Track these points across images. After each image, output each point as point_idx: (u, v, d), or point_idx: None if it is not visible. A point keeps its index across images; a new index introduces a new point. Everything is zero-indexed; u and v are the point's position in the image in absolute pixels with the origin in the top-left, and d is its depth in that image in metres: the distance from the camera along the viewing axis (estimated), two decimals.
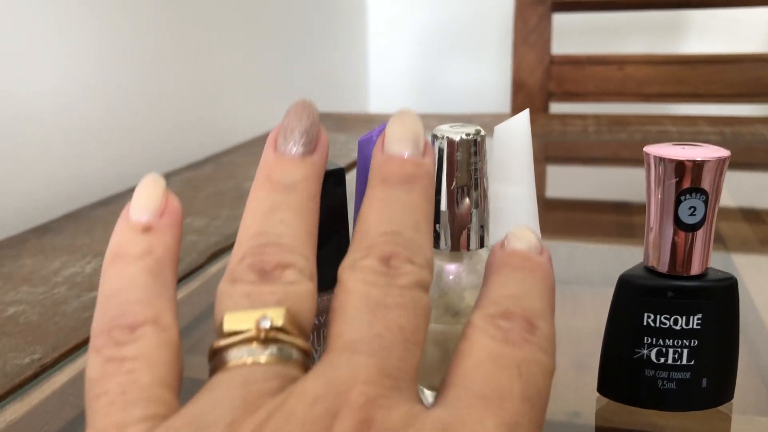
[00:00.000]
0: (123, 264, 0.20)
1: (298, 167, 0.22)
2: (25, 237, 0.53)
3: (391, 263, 0.20)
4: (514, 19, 1.05)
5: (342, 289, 0.20)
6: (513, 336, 0.19)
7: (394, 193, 0.21)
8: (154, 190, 0.22)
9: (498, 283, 0.21)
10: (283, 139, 0.22)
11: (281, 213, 0.21)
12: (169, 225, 0.21)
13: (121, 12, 0.70)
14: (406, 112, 0.24)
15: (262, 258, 0.20)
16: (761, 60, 0.99)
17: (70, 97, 0.64)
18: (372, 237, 0.20)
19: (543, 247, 0.23)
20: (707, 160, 0.25)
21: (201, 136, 0.84)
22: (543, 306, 0.20)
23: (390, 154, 0.23)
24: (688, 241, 0.26)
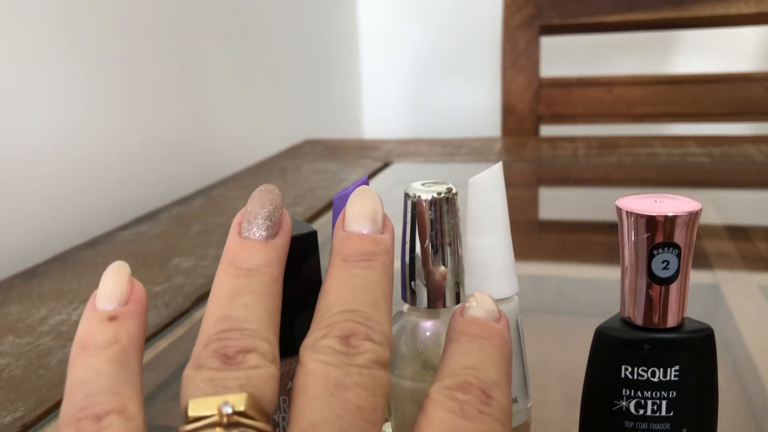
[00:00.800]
0: (89, 354, 0.21)
1: (261, 251, 0.23)
2: (12, 282, 0.53)
3: (350, 342, 0.21)
4: (503, 43, 1.05)
5: (303, 370, 0.20)
6: (469, 408, 0.20)
7: (353, 271, 0.22)
8: (119, 278, 0.22)
9: (456, 352, 0.22)
10: (247, 224, 0.23)
11: (244, 297, 0.22)
12: (134, 312, 0.22)
13: (109, 47, 0.71)
14: (365, 190, 0.25)
15: (226, 344, 0.20)
16: (749, 79, 0.99)
17: (57, 137, 0.64)
18: (332, 315, 0.21)
19: (501, 312, 0.24)
20: (679, 214, 0.25)
21: (191, 169, 0.84)
22: (499, 376, 0.21)
23: (350, 231, 0.23)
24: (662, 294, 0.26)
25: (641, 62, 1.28)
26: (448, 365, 0.21)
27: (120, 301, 0.22)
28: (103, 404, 0.19)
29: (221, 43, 0.93)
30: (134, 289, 0.22)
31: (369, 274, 0.22)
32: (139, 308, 0.22)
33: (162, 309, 0.46)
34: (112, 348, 0.21)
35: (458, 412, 0.20)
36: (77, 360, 0.21)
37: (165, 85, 0.80)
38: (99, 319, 0.22)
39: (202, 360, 0.20)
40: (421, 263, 0.27)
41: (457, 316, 0.23)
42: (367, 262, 0.23)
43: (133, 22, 0.75)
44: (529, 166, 0.86)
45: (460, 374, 0.21)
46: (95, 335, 0.21)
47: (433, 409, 0.20)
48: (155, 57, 0.79)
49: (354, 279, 0.22)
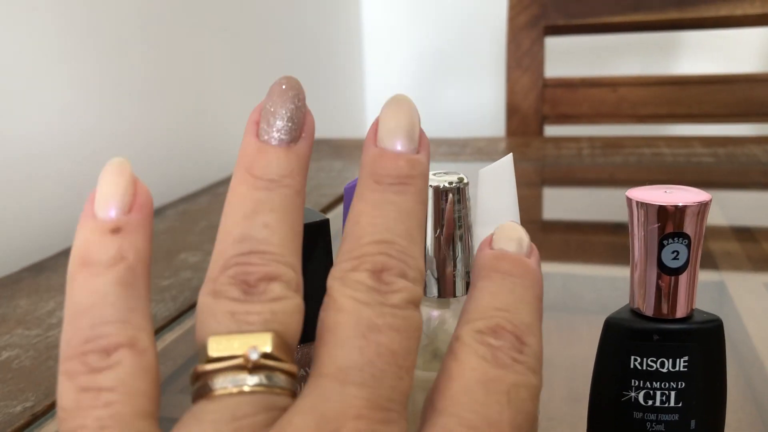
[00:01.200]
0: (92, 273, 0.18)
1: (283, 159, 0.20)
2: (20, 276, 0.53)
3: (383, 278, 0.19)
4: (507, 43, 1.05)
5: (332, 305, 0.19)
6: (502, 356, 0.19)
7: (386, 196, 0.20)
8: (121, 180, 0.20)
9: (487, 291, 0.20)
10: (266, 126, 0.21)
11: (265, 215, 0.19)
12: (140, 222, 0.20)
13: (113, 48, 0.71)
14: (401, 99, 0.22)
15: (246, 269, 0.19)
16: (753, 80, 0.99)
17: (65, 134, 0.65)
18: (363, 245, 0.19)
19: (532, 246, 0.22)
20: (689, 204, 0.25)
21: (196, 167, 0.85)
22: (532, 319, 0.20)
23: (383, 148, 0.21)
24: (672, 284, 0.26)
25: (645, 63, 1.28)
26: (479, 305, 0.20)
27: (123, 207, 0.19)
28: (112, 336, 0.18)
29: (225, 43, 0.93)
30: (138, 194, 0.20)
31: (404, 200, 0.20)
32: (146, 216, 0.20)
33: (170, 302, 0.46)
34: (117, 266, 0.19)
35: (491, 359, 0.19)
36: (78, 279, 0.19)
37: (170, 85, 0.81)
38: (100, 231, 0.19)
39: (220, 286, 0.18)
40: (432, 253, 0.27)
41: (486, 248, 0.21)
42: (403, 186, 0.20)
43: (137, 24, 0.75)
44: (534, 165, 0.86)
45: (492, 317, 0.19)
46: (98, 250, 0.19)
47: (464, 354, 0.19)
48: (160, 58, 0.79)
49: (388, 206, 0.20)
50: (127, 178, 0.20)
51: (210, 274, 0.19)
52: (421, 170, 0.21)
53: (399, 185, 0.20)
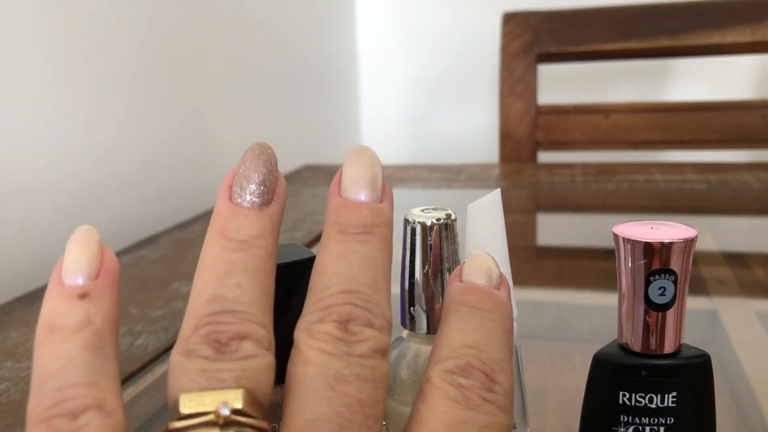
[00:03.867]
0: (59, 339, 0.19)
1: (255, 221, 0.21)
2: (11, 307, 0.53)
3: (349, 328, 0.19)
4: (500, 71, 1.06)
5: (299, 357, 0.19)
6: (473, 396, 0.19)
7: (351, 246, 0.21)
8: (88, 246, 0.20)
9: (456, 327, 0.20)
10: (239, 189, 0.21)
11: (237, 275, 0.20)
12: (107, 286, 0.20)
13: (108, 71, 0.71)
14: (363, 150, 0.22)
15: (218, 327, 0.19)
16: (745, 107, 1.00)
17: (57, 163, 0.65)
18: (329, 296, 0.20)
19: (502, 275, 0.22)
20: (675, 241, 0.26)
21: (191, 193, 0.85)
22: (501, 355, 0.20)
23: (347, 198, 0.22)
24: (659, 320, 0.27)
25: (638, 90, 1.29)
26: (448, 343, 0.20)
27: (90, 274, 0.20)
28: (79, 399, 0.18)
29: (222, 69, 0.93)
30: (105, 259, 0.20)
31: (368, 249, 0.21)
32: (112, 281, 0.20)
33: (161, 334, 0.46)
34: (84, 331, 0.19)
35: (461, 400, 0.19)
36: (45, 346, 0.19)
37: (165, 111, 0.81)
38: (67, 297, 0.19)
39: (192, 345, 0.19)
40: (420, 289, 0.27)
41: (456, 280, 0.22)
42: (366, 236, 0.21)
43: (131, 49, 0.75)
44: (527, 192, 0.86)
45: (461, 355, 0.20)
46: (64, 316, 0.19)
47: (435, 398, 0.19)
48: (155, 82, 0.79)
49: (352, 255, 0.20)
50: (93, 245, 0.20)
51: (182, 334, 0.19)
52: (385, 218, 0.21)
53: (363, 234, 0.21)
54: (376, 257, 0.21)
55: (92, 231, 0.21)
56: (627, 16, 1.03)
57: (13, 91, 0.60)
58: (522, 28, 1.05)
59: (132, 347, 0.44)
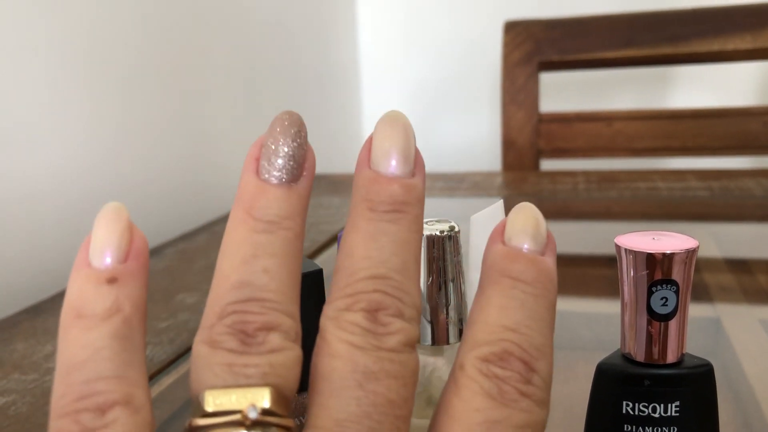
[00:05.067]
0: (86, 326, 0.18)
1: (284, 200, 0.19)
2: (17, 319, 0.53)
3: (378, 318, 0.18)
4: (502, 79, 1.06)
5: (326, 349, 0.18)
6: (509, 390, 0.18)
7: (381, 225, 0.19)
8: (117, 226, 0.19)
9: (494, 304, 0.19)
10: (267, 164, 0.20)
11: (264, 260, 0.19)
12: (137, 271, 0.19)
13: (110, 84, 0.72)
14: (396, 117, 0.21)
15: (244, 317, 0.18)
16: (747, 114, 1.01)
17: (60, 175, 0.65)
18: (358, 281, 0.19)
19: (549, 237, 0.21)
20: (676, 252, 0.26)
21: (194, 205, 0.85)
22: (543, 339, 0.19)
23: (377, 171, 0.20)
24: (661, 330, 0.27)
25: (640, 97, 1.29)
26: (485, 323, 0.19)
27: (119, 256, 0.19)
28: (107, 393, 0.17)
29: (222, 80, 0.94)
30: (134, 241, 0.19)
31: (399, 230, 0.19)
32: (142, 264, 0.19)
33: (167, 345, 0.47)
34: (113, 319, 0.18)
35: (497, 395, 0.18)
36: (72, 332, 0.18)
37: (168, 120, 0.82)
38: (95, 281, 0.18)
39: (217, 335, 0.18)
40: (425, 300, 0.27)
41: (497, 240, 0.20)
42: (398, 215, 0.19)
43: (134, 64, 0.76)
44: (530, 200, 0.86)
45: (499, 339, 0.18)
46: (92, 301, 0.18)
47: (468, 391, 0.18)
48: (158, 90, 0.80)
49: (383, 236, 0.19)
50: (123, 224, 0.19)
51: (206, 321, 0.18)
52: (417, 195, 0.20)
53: (394, 213, 0.19)
54: (408, 239, 0.19)
55: (122, 208, 0.19)
56: (628, 24, 1.03)
57: (13, 101, 0.60)
58: (523, 37, 1.05)
59: None
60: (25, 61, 0.61)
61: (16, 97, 0.60)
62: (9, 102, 0.59)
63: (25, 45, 0.61)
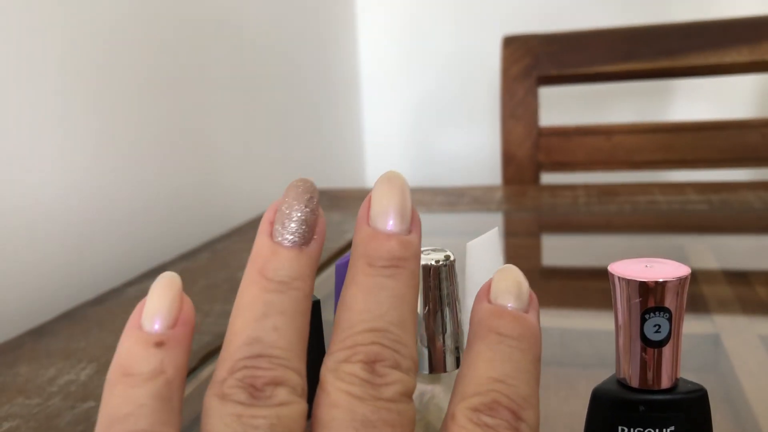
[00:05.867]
0: (131, 384, 0.19)
1: (295, 262, 0.21)
2: (21, 341, 0.53)
3: (376, 369, 0.19)
4: (501, 94, 1.07)
5: (326, 400, 0.19)
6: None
7: (379, 281, 0.21)
8: (170, 294, 0.20)
9: (483, 358, 0.20)
10: (281, 227, 0.21)
11: (275, 318, 0.20)
12: (182, 338, 0.20)
13: (112, 103, 0.73)
14: (393, 177, 0.22)
15: (254, 373, 0.19)
16: (746, 126, 1.01)
17: (62, 195, 0.66)
18: (356, 334, 0.20)
19: (531, 297, 0.22)
20: (669, 280, 0.26)
21: (196, 223, 0.86)
22: (530, 390, 0.20)
23: (375, 228, 0.21)
24: (655, 356, 0.27)
25: (639, 110, 1.30)
26: (474, 376, 0.20)
27: (168, 322, 0.20)
28: None
29: (224, 97, 0.95)
30: (184, 308, 0.20)
31: (397, 285, 0.21)
32: (188, 332, 0.20)
33: None
34: (157, 380, 0.19)
35: None
36: (117, 388, 0.19)
37: (170, 141, 0.82)
38: (144, 343, 0.20)
39: (228, 389, 0.19)
40: (422, 329, 0.27)
41: (484, 299, 0.21)
42: (395, 270, 0.21)
43: (137, 81, 0.76)
44: (530, 214, 0.87)
45: (488, 391, 0.19)
46: (139, 362, 0.19)
47: None
48: (159, 113, 0.80)
49: (381, 291, 0.20)
50: (175, 293, 0.20)
51: (218, 375, 0.20)
52: (414, 251, 0.21)
53: (391, 268, 0.21)
54: (404, 294, 0.21)
55: (175, 279, 0.21)
56: (626, 38, 1.04)
57: (17, 117, 0.61)
58: (522, 52, 1.06)
59: None
60: (30, 77, 0.62)
61: (20, 113, 0.61)
62: (12, 118, 0.60)
63: (30, 60, 0.62)
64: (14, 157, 0.60)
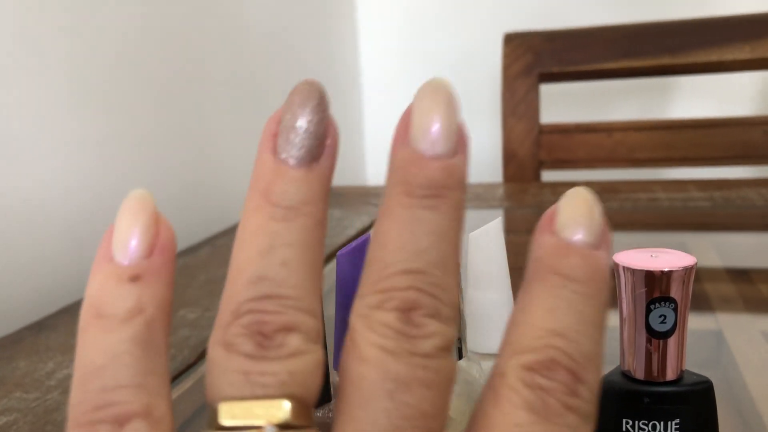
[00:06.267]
0: (105, 328, 0.17)
1: (303, 183, 0.18)
2: (20, 336, 0.53)
3: (413, 319, 0.16)
4: (502, 92, 1.07)
5: (355, 353, 0.17)
6: (554, 403, 0.16)
7: (419, 213, 0.17)
8: (143, 216, 0.18)
9: (541, 305, 0.17)
10: (285, 141, 0.18)
11: (283, 251, 0.17)
12: (162, 267, 0.18)
13: (110, 99, 0.72)
14: (439, 85, 0.18)
15: (261, 317, 0.16)
16: (747, 123, 1.01)
17: (62, 190, 0.65)
18: (391, 275, 0.17)
19: (604, 229, 0.18)
20: (674, 269, 0.26)
21: (197, 218, 0.85)
22: (592, 346, 0.17)
23: (415, 150, 0.18)
24: (660, 348, 0.27)
25: (641, 107, 1.30)
26: (530, 326, 0.17)
27: (144, 251, 0.17)
28: (125, 404, 0.16)
29: (225, 93, 0.94)
30: (161, 233, 0.18)
31: (438, 218, 0.17)
32: (168, 260, 0.18)
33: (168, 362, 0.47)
34: (134, 321, 0.17)
35: (540, 409, 0.16)
36: (90, 333, 0.17)
37: (171, 138, 0.82)
38: (117, 278, 0.17)
39: (232, 337, 0.16)
40: None
41: (546, 231, 0.18)
42: (437, 200, 0.17)
43: (134, 74, 0.76)
44: (532, 212, 0.87)
45: (545, 346, 0.17)
46: (113, 301, 0.17)
47: (509, 404, 0.16)
48: (159, 109, 0.80)
49: (420, 225, 0.17)
50: (148, 215, 0.18)
51: (220, 320, 0.17)
52: (459, 178, 0.18)
53: (433, 198, 0.17)
54: (447, 229, 0.17)
55: (147, 196, 0.18)
56: (627, 35, 1.03)
57: (7, 113, 0.61)
58: (523, 49, 1.05)
59: None
60: (19, 73, 0.61)
61: (15, 111, 0.60)
62: (8, 115, 0.60)
63: (31, 62, 0.61)
64: (13, 151, 0.60)
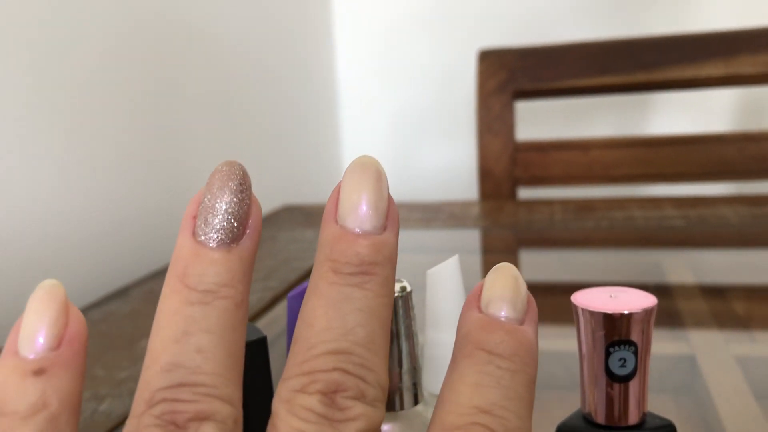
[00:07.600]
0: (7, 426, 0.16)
1: (222, 265, 0.17)
2: None
3: (336, 401, 0.16)
4: (477, 109, 1.06)
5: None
6: None
7: (346, 291, 0.17)
8: (51, 307, 0.17)
9: (468, 381, 0.17)
10: (203, 223, 0.18)
11: (198, 337, 0.17)
12: (69, 359, 0.17)
13: (84, 119, 0.71)
14: (366, 163, 0.19)
15: (174, 407, 0.16)
16: (723, 140, 1.01)
17: (27, 214, 0.64)
18: (316, 357, 0.17)
19: (529, 303, 0.19)
20: (634, 312, 0.25)
21: (166, 240, 0.84)
22: (520, 421, 0.17)
23: (343, 227, 0.18)
24: (621, 392, 0.26)
25: (618, 123, 1.30)
26: (457, 402, 0.17)
27: (50, 343, 0.17)
28: None
29: (198, 113, 0.93)
30: (70, 323, 0.17)
31: (366, 296, 0.17)
32: (76, 351, 0.17)
33: (126, 398, 0.45)
34: (38, 417, 0.16)
35: None
36: None
37: (138, 156, 0.80)
38: (20, 373, 0.17)
39: (144, 428, 0.16)
40: None
41: (473, 306, 0.18)
42: (365, 277, 0.17)
43: (107, 98, 0.75)
44: (507, 231, 0.86)
45: (471, 423, 0.16)
46: (15, 397, 0.16)
47: None
48: (128, 129, 0.79)
49: (348, 303, 0.17)
50: (57, 306, 0.17)
51: (135, 409, 0.17)
52: (388, 254, 0.18)
53: (360, 275, 0.17)
54: (375, 307, 0.17)
55: (57, 287, 0.17)
56: (602, 52, 1.03)
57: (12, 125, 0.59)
58: (497, 66, 1.05)
59: (95, 413, 0.43)
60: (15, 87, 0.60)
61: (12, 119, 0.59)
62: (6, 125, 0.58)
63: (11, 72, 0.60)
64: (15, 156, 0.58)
